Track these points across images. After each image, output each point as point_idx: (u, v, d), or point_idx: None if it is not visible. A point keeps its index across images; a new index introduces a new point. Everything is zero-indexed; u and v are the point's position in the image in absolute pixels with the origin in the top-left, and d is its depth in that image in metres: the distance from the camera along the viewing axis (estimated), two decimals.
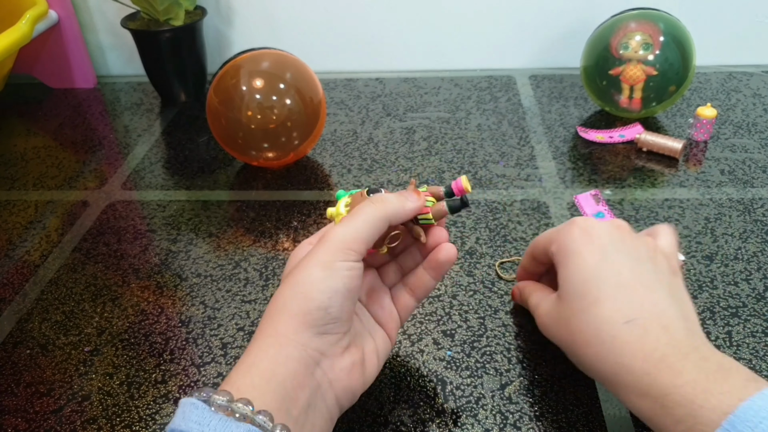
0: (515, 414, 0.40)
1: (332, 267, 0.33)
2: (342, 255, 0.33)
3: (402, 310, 0.40)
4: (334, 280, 0.33)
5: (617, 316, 0.33)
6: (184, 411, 0.28)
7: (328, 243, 0.34)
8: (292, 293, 0.33)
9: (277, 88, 0.61)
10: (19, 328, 0.49)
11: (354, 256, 0.34)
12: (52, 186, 0.68)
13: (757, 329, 0.45)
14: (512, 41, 0.88)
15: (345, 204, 0.39)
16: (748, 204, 0.59)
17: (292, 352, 0.32)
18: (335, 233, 0.34)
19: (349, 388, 0.34)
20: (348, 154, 0.70)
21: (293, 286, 0.33)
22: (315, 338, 0.33)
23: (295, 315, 0.33)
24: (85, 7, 0.90)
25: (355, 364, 0.35)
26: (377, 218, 0.35)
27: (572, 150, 0.69)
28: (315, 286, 0.33)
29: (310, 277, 0.33)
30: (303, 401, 0.32)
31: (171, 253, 0.56)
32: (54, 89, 0.90)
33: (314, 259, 0.34)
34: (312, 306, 0.33)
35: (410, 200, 0.37)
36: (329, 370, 0.34)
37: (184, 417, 0.28)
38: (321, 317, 0.33)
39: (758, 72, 0.84)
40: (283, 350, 0.32)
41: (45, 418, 0.42)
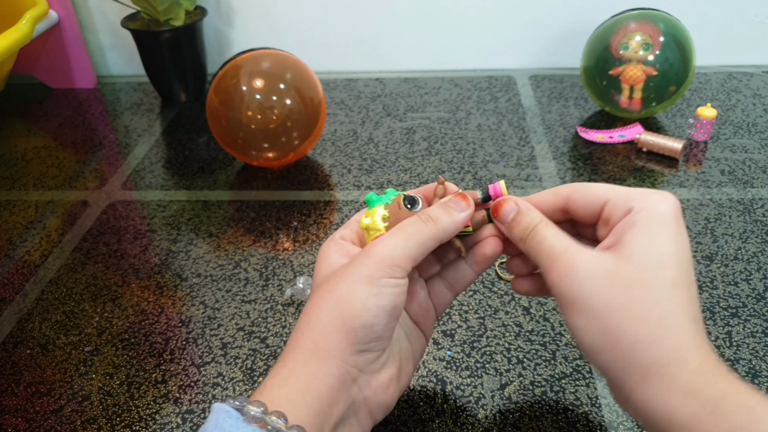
0: (515, 414, 0.40)
1: (378, 284, 0.31)
2: (389, 271, 0.32)
3: (438, 305, 0.38)
4: (380, 298, 0.31)
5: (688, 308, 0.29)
6: (217, 418, 0.28)
7: (374, 257, 0.32)
8: (336, 309, 0.32)
9: (278, 88, 0.61)
10: (19, 328, 0.49)
11: (401, 273, 0.32)
12: (52, 186, 0.68)
13: (757, 329, 0.45)
14: (512, 41, 0.88)
15: (382, 217, 0.36)
16: (748, 204, 0.59)
17: (331, 368, 0.31)
18: (383, 247, 0.32)
19: (384, 403, 0.34)
20: (348, 154, 0.70)
21: (336, 300, 0.32)
22: (355, 355, 0.32)
23: (337, 331, 0.31)
24: (85, 8, 0.90)
25: (392, 380, 0.34)
26: (429, 238, 0.33)
27: (572, 150, 0.69)
28: (360, 303, 0.31)
29: (355, 292, 0.32)
30: (336, 417, 0.31)
31: (171, 253, 0.56)
32: (54, 89, 0.90)
33: (358, 273, 0.32)
34: (357, 324, 0.31)
35: (458, 211, 0.34)
36: (365, 387, 0.33)
37: (217, 425, 0.27)
38: (365, 335, 0.32)
39: (758, 72, 0.84)
40: (322, 366, 0.31)
41: (45, 418, 0.42)
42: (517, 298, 0.49)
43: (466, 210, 0.34)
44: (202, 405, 0.42)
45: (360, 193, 0.63)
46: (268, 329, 0.48)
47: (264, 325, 0.48)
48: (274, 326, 0.48)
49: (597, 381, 0.42)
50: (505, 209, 0.35)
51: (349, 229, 0.37)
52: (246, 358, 0.45)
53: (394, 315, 0.32)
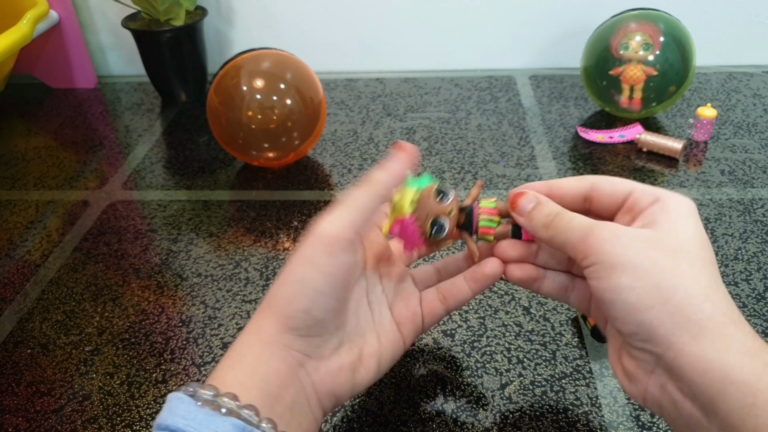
0: (515, 414, 0.40)
1: (315, 263, 0.31)
2: (328, 249, 0.31)
3: (428, 315, 0.38)
4: (317, 281, 0.31)
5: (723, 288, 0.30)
6: (171, 406, 0.28)
7: (312, 237, 0.32)
8: (278, 293, 0.32)
9: (278, 88, 0.61)
10: (19, 328, 0.49)
11: (340, 247, 0.32)
12: (52, 186, 0.68)
13: (758, 329, 0.45)
14: (512, 41, 0.88)
15: (411, 201, 0.35)
16: (748, 204, 0.59)
17: (275, 351, 0.31)
18: (322, 226, 0.32)
19: (333, 392, 0.33)
20: (348, 154, 0.70)
21: (280, 284, 0.32)
22: (298, 340, 0.32)
23: (277, 316, 0.32)
24: (85, 7, 0.90)
25: (343, 368, 0.33)
26: (368, 200, 0.33)
27: (572, 150, 0.69)
28: (297, 287, 0.31)
29: (292, 275, 0.32)
30: (288, 400, 0.31)
31: (171, 253, 0.56)
32: (55, 89, 0.90)
33: (299, 256, 0.32)
34: (294, 308, 0.31)
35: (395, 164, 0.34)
36: (313, 372, 0.32)
37: (171, 411, 0.28)
38: (303, 320, 0.31)
39: (758, 72, 0.84)
40: (267, 349, 0.31)
41: (46, 418, 0.42)
42: (518, 297, 0.49)
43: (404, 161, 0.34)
44: None
45: None
46: None
47: None
48: None
49: (597, 381, 0.42)
50: (523, 201, 0.35)
51: None
52: None
53: (334, 296, 0.32)
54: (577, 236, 0.31)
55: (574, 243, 0.31)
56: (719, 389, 0.26)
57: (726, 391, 0.26)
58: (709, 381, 0.27)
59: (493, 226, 0.36)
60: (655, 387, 0.30)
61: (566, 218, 0.33)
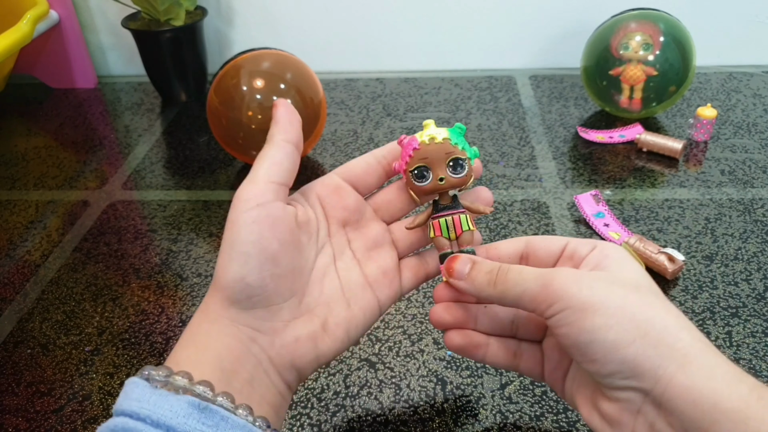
0: (515, 414, 0.40)
1: (237, 224, 0.29)
2: (244, 206, 0.30)
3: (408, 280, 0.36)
4: (243, 244, 0.29)
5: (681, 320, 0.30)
6: (126, 390, 0.28)
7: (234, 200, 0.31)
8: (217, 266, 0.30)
9: (278, 88, 0.61)
10: (19, 328, 0.49)
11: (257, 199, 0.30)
12: (52, 186, 0.68)
13: (757, 329, 0.45)
14: (512, 41, 0.88)
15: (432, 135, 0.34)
16: (748, 204, 0.59)
17: (223, 327, 0.30)
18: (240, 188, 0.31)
19: (292, 365, 0.31)
20: (348, 155, 0.70)
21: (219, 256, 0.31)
22: (242, 314, 0.30)
23: (218, 289, 0.30)
24: (85, 7, 0.90)
25: (301, 339, 0.31)
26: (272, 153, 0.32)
27: (572, 150, 0.69)
28: (227, 254, 0.30)
29: (223, 243, 0.30)
30: (245, 375, 0.29)
31: (171, 253, 0.56)
32: (55, 89, 0.90)
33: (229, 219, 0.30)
34: (228, 279, 0.29)
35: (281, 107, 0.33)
36: (268, 347, 0.31)
37: (126, 396, 0.27)
38: (241, 290, 0.30)
39: (758, 72, 0.84)
40: (215, 325, 0.30)
41: (46, 418, 0.42)
42: None
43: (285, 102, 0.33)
44: None
45: None
46: None
47: None
48: None
49: None
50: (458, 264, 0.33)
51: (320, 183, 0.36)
52: None
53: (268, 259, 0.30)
54: (535, 286, 0.30)
55: (533, 294, 0.30)
56: (711, 419, 0.26)
57: (718, 421, 0.26)
58: (701, 412, 0.26)
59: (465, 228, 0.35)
60: (643, 427, 0.28)
61: (515, 270, 0.31)
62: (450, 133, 0.34)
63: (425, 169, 0.34)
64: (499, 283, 0.31)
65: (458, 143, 0.34)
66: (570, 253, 0.33)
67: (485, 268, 0.32)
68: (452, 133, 0.34)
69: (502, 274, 0.31)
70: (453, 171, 0.34)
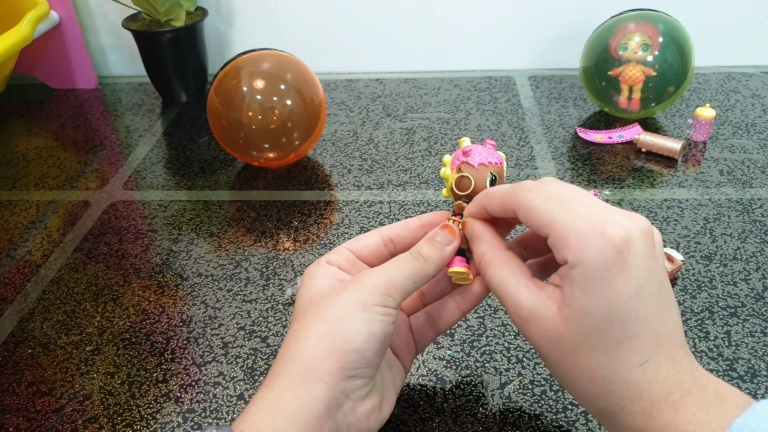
0: (515, 413, 0.40)
1: (371, 310, 0.32)
2: (382, 299, 0.32)
3: (419, 340, 0.39)
4: (372, 325, 0.32)
5: (635, 358, 0.29)
6: None
7: (368, 284, 0.33)
8: (328, 332, 0.32)
9: (278, 88, 0.61)
10: (20, 328, 0.49)
11: (392, 302, 0.33)
12: (53, 186, 0.68)
13: (756, 329, 0.46)
14: (512, 42, 0.88)
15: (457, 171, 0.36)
16: (746, 204, 0.59)
17: (319, 393, 0.31)
18: (377, 276, 0.33)
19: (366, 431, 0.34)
20: (348, 155, 0.70)
21: (329, 324, 0.32)
22: (344, 381, 0.32)
23: (329, 354, 0.31)
24: (86, 8, 0.90)
25: (375, 408, 0.34)
26: (421, 275, 0.34)
27: (571, 150, 0.69)
28: (353, 327, 0.32)
29: (348, 316, 0.32)
30: None
31: (172, 253, 0.56)
32: (55, 90, 0.90)
33: (352, 298, 0.32)
34: (349, 348, 0.31)
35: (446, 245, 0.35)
36: (350, 413, 0.32)
37: None
38: (356, 360, 0.32)
39: (757, 73, 0.85)
40: (311, 391, 0.31)
41: (46, 418, 0.42)
42: None
43: (453, 242, 0.35)
44: (203, 404, 0.42)
45: (360, 193, 0.63)
46: (268, 329, 0.48)
47: (265, 325, 0.48)
48: (274, 326, 0.48)
49: None
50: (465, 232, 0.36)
51: (338, 255, 0.37)
52: (247, 358, 0.45)
53: (384, 343, 0.33)
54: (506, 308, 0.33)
55: None
56: None
57: None
58: None
59: None
60: None
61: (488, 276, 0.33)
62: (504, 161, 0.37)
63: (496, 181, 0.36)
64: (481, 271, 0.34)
65: None
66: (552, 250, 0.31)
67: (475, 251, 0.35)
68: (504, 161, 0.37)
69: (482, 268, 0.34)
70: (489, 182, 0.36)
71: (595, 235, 0.28)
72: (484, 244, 0.34)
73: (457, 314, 0.37)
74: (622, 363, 0.29)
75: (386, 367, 0.37)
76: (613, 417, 0.30)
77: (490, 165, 0.35)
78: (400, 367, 0.38)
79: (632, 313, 0.29)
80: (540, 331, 0.31)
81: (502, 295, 0.32)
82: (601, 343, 0.29)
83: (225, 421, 0.41)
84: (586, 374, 0.30)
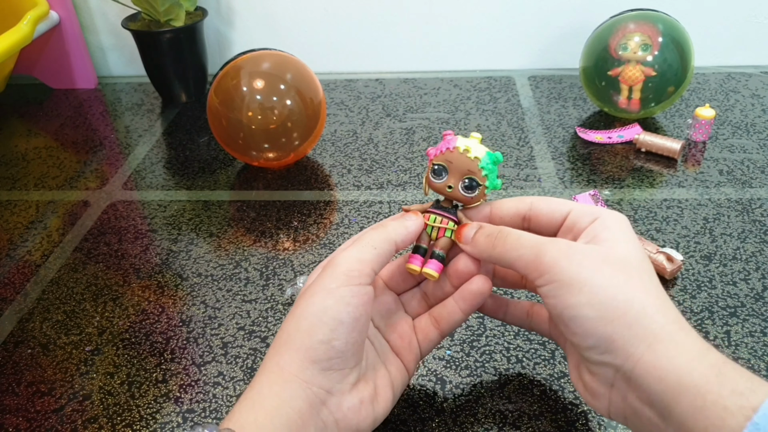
0: (514, 413, 0.40)
1: (335, 294, 0.32)
2: (346, 279, 0.32)
3: (423, 342, 0.38)
4: (337, 310, 0.31)
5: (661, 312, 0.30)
6: None
7: (332, 268, 0.33)
8: (296, 325, 0.32)
9: (278, 88, 0.61)
10: (20, 328, 0.49)
11: (360, 280, 0.32)
12: (53, 186, 0.68)
13: (756, 329, 0.46)
14: (511, 42, 0.88)
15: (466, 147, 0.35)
16: (746, 204, 0.59)
17: (296, 390, 0.31)
18: (339, 257, 0.33)
19: (356, 428, 0.33)
20: (348, 155, 0.70)
21: (297, 317, 0.32)
22: (319, 375, 0.31)
23: (297, 349, 0.31)
24: (86, 8, 0.90)
25: (364, 402, 0.33)
26: (383, 241, 0.34)
27: (571, 150, 0.69)
28: (317, 318, 0.31)
29: (312, 306, 0.32)
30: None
31: (172, 253, 0.56)
32: (55, 90, 0.90)
33: (318, 286, 0.32)
34: (315, 340, 0.31)
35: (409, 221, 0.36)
36: (336, 410, 0.32)
37: None
38: (324, 351, 0.31)
39: (757, 73, 0.85)
40: (287, 387, 0.31)
41: (46, 418, 0.42)
42: (516, 297, 0.49)
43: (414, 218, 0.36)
44: (203, 404, 0.42)
45: (360, 193, 0.63)
46: (268, 329, 0.48)
47: (264, 325, 0.48)
48: (274, 326, 0.48)
49: None
50: (466, 230, 0.36)
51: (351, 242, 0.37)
52: (246, 358, 0.45)
53: (355, 328, 0.32)
54: (530, 254, 0.32)
55: (527, 260, 0.32)
56: (674, 394, 0.28)
57: (680, 394, 0.27)
58: (665, 387, 0.28)
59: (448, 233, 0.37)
60: (617, 399, 0.31)
61: (514, 235, 0.33)
62: (486, 156, 0.35)
63: (444, 171, 0.36)
64: (498, 246, 0.34)
65: (485, 168, 0.35)
66: (571, 224, 0.34)
67: (486, 232, 0.35)
68: (488, 156, 0.35)
69: (501, 238, 0.34)
70: (465, 187, 0.35)
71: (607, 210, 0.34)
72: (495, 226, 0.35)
73: (458, 314, 0.37)
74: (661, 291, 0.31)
75: (379, 362, 0.36)
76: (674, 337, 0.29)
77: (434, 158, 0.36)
78: (399, 365, 0.37)
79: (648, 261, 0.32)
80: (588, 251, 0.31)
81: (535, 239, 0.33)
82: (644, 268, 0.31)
83: None
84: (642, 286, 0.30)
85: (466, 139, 0.36)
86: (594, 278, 0.30)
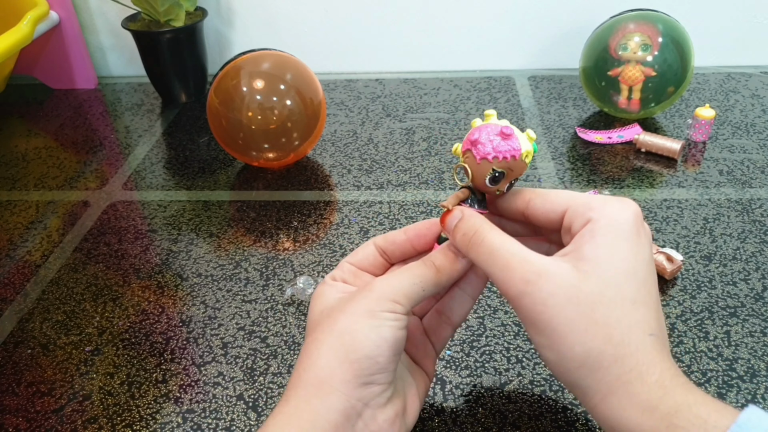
0: (514, 413, 0.40)
1: (379, 317, 0.32)
2: (390, 306, 0.32)
3: (437, 341, 0.38)
4: (383, 329, 0.32)
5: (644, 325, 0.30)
6: None
7: (375, 292, 0.33)
8: (338, 341, 0.32)
9: (278, 88, 0.61)
10: (20, 328, 0.49)
11: (401, 309, 0.32)
12: (53, 186, 0.68)
13: (756, 329, 0.46)
14: (511, 42, 0.88)
15: None
16: (746, 204, 0.59)
17: (335, 402, 0.31)
18: (385, 284, 0.33)
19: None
20: (348, 155, 0.70)
21: (338, 333, 0.32)
22: (360, 388, 0.31)
23: (341, 363, 0.31)
24: (86, 8, 0.90)
25: (398, 415, 0.33)
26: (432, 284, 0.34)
27: (571, 150, 0.69)
28: (363, 334, 0.31)
29: (356, 324, 0.32)
30: None
31: (172, 253, 0.56)
32: (55, 90, 0.90)
33: (360, 306, 0.32)
34: (360, 354, 0.31)
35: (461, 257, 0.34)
36: (371, 422, 0.32)
37: None
38: (369, 366, 0.31)
39: (756, 73, 0.85)
40: (326, 400, 0.31)
41: (46, 418, 0.42)
42: None
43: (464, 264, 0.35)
44: (203, 404, 0.42)
45: (360, 194, 0.63)
46: (268, 329, 0.48)
47: (264, 325, 0.48)
48: (274, 326, 0.48)
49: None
50: (449, 218, 0.34)
51: (340, 270, 0.37)
52: (246, 358, 0.45)
53: (396, 348, 0.32)
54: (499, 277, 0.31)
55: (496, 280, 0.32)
56: None
57: None
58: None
59: None
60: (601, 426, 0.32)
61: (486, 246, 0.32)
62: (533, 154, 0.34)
63: (503, 176, 0.33)
64: (471, 251, 0.33)
65: None
66: (567, 226, 0.33)
67: (464, 228, 0.33)
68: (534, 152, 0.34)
69: (475, 243, 0.32)
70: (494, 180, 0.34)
71: (614, 201, 0.32)
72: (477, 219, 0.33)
73: (468, 302, 0.37)
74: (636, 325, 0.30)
75: (407, 374, 0.36)
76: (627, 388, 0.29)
77: (495, 160, 0.33)
78: (422, 374, 0.37)
79: (644, 277, 0.30)
80: (553, 288, 0.30)
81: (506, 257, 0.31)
82: (618, 297, 0.30)
83: (224, 421, 0.41)
84: (604, 333, 0.29)
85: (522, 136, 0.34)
86: (556, 323, 0.30)
